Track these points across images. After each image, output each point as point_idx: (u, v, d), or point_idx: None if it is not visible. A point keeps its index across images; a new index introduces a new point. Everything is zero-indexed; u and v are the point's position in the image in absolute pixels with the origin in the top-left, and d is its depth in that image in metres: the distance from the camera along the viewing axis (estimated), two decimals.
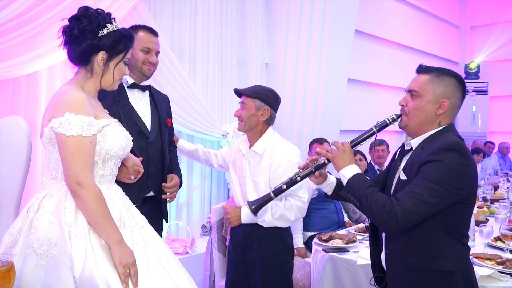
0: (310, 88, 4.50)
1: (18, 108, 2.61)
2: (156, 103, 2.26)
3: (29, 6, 2.38)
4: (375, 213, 1.56)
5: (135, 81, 2.19)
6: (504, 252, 2.34)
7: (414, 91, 1.67)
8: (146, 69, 2.18)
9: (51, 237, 1.42)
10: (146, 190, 2.16)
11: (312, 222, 3.56)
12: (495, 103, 8.63)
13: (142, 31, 2.19)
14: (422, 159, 1.56)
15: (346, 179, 1.66)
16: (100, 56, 1.58)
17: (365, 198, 1.59)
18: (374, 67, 6.27)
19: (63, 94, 1.53)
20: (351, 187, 1.64)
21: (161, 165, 2.23)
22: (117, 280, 1.42)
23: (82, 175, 1.46)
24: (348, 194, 1.65)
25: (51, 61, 2.60)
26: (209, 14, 3.74)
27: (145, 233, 1.64)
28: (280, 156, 2.34)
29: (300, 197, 2.32)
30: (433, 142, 1.61)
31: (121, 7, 2.80)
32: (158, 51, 2.24)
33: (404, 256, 1.64)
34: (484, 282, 1.92)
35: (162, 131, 2.23)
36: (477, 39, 8.95)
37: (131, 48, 1.66)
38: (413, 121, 1.67)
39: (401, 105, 1.71)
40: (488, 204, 4.01)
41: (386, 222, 1.53)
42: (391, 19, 6.77)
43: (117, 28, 1.62)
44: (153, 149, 2.18)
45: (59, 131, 1.47)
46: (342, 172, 1.69)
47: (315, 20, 4.43)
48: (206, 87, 3.76)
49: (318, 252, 2.55)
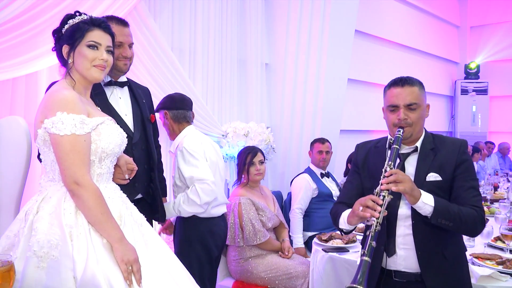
0: (310, 88, 4.50)
1: (18, 108, 2.61)
2: (137, 98, 2.12)
3: (29, 6, 2.38)
4: (471, 225, 1.69)
5: (111, 78, 2.05)
6: (504, 252, 2.34)
7: (415, 104, 1.79)
8: (121, 64, 2.04)
9: (51, 239, 1.41)
10: (134, 194, 2.05)
11: (312, 222, 3.56)
12: (495, 103, 8.63)
13: (111, 24, 1.97)
14: (456, 159, 1.75)
15: (431, 206, 1.64)
16: (64, 50, 1.59)
17: (458, 218, 1.66)
18: (374, 67, 6.26)
19: (54, 94, 1.52)
20: (440, 212, 1.65)
21: (148, 166, 2.12)
22: (121, 278, 1.41)
23: (79, 174, 1.45)
24: (438, 219, 1.65)
25: (51, 61, 2.59)
26: (209, 14, 3.74)
27: (144, 231, 1.63)
28: (177, 149, 2.50)
29: (203, 180, 2.41)
30: (440, 141, 1.82)
31: (121, 7, 2.80)
32: (132, 43, 2.07)
33: (442, 250, 1.74)
34: (484, 282, 1.92)
35: (146, 128, 2.11)
36: (477, 39, 8.94)
37: (91, 30, 1.57)
38: (416, 130, 1.80)
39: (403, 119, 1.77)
40: (488, 204, 4.01)
41: (480, 228, 1.74)
42: (391, 19, 6.77)
43: (81, 19, 1.59)
44: (139, 150, 2.06)
45: (53, 131, 1.45)
46: (425, 201, 1.65)
47: (315, 20, 4.42)
48: (206, 87, 3.76)
49: (318, 252, 2.55)
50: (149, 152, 2.13)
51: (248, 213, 2.86)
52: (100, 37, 1.59)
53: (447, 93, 8.68)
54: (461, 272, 1.79)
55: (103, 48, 1.60)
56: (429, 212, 1.65)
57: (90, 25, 1.58)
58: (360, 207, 1.64)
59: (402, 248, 1.77)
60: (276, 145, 4.19)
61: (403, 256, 1.77)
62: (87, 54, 1.57)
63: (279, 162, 4.49)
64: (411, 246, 1.75)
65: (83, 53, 1.57)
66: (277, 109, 4.53)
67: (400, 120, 1.77)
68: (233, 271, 2.93)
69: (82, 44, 1.57)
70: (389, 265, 1.80)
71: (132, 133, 2.05)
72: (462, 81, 8.58)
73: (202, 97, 3.63)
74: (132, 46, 2.10)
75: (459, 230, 1.73)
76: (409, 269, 1.77)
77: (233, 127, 3.77)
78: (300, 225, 3.50)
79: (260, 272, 2.81)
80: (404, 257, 1.77)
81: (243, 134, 3.74)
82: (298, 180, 3.69)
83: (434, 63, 8.11)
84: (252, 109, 4.27)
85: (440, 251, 1.74)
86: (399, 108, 1.79)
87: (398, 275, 1.79)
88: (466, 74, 8.66)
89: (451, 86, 8.79)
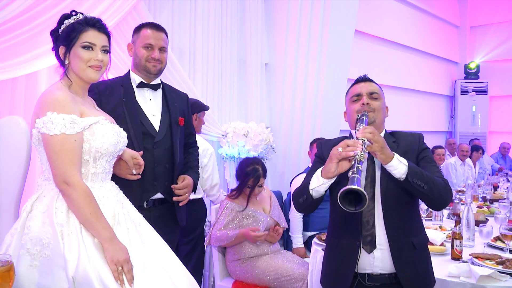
0: (310, 88, 4.50)
1: (17, 107, 2.61)
2: (168, 102, 2.18)
3: (29, 6, 2.38)
4: (443, 192, 1.69)
5: (143, 79, 2.13)
6: (504, 252, 2.34)
7: (376, 93, 1.84)
8: (150, 66, 2.11)
9: (43, 238, 1.42)
10: (152, 192, 2.08)
11: (312, 222, 3.57)
12: (495, 103, 8.63)
13: (145, 28, 2.13)
14: (419, 148, 1.82)
15: (405, 165, 1.62)
16: (61, 51, 1.59)
17: (431, 181, 1.65)
18: (374, 66, 6.26)
19: (47, 95, 1.53)
20: (414, 172, 1.63)
21: (169, 166, 2.14)
22: (112, 277, 1.41)
23: (69, 174, 1.46)
24: (414, 179, 1.62)
25: (51, 61, 2.59)
26: (209, 14, 3.74)
27: (142, 231, 1.63)
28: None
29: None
30: (398, 135, 1.87)
31: (121, 7, 2.80)
32: (163, 47, 2.14)
33: (411, 238, 1.76)
34: (483, 282, 1.92)
35: (172, 130, 2.15)
36: (476, 39, 8.94)
37: (85, 30, 1.57)
38: (379, 118, 1.82)
39: (366, 104, 1.80)
40: (488, 204, 4.01)
41: (450, 197, 1.73)
42: (391, 19, 6.77)
43: (76, 19, 1.60)
44: (161, 149, 2.11)
45: (43, 131, 1.47)
46: (399, 159, 1.62)
47: (315, 20, 4.43)
48: (206, 87, 3.76)
49: (317, 252, 2.55)
50: (173, 153, 2.15)
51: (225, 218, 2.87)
52: (95, 37, 1.59)
53: (447, 93, 8.69)
54: (426, 262, 1.83)
55: (98, 48, 1.60)
56: (404, 172, 1.61)
57: (84, 26, 1.58)
58: (339, 148, 1.57)
59: (379, 249, 1.74)
60: (276, 145, 4.19)
61: (380, 258, 1.74)
62: (82, 55, 1.57)
63: (279, 162, 4.49)
64: (386, 246, 1.74)
65: (78, 54, 1.57)
66: (277, 109, 4.53)
67: (363, 105, 1.79)
68: (232, 271, 2.93)
69: (77, 45, 1.57)
70: (364, 268, 1.76)
71: (156, 132, 2.10)
72: (462, 81, 8.58)
73: (202, 97, 3.63)
74: (163, 50, 2.15)
75: (432, 195, 1.66)
76: (385, 270, 1.74)
77: (233, 127, 3.77)
78: (300, 225, 3.51)
79: (259, 274, 2.81)
80: (381, 258, 1.74)
81: (243, 134, 3.74)
82: (298, 180, 3.69)
83: (434, 63, 8.11)
84: (252, 109, 4.27)
85: (409, 240, 1.75)
86: (361, 96, 1.82)
87: (373, 278, 1.76)
88: (466, 74, 8.66)
89: (451, 86, 8.79)
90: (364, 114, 1.77)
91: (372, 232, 1.75)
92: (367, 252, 1.74)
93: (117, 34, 2.90)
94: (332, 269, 1.86)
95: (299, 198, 1.77)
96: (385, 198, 1.75)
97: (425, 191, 1.64)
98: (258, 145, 3.81)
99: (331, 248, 1.89)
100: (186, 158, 2.29)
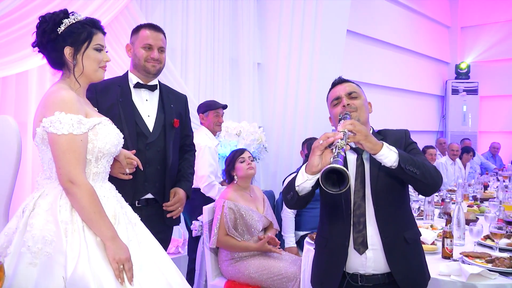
0: (302, 88, 4.51)
1: (8, 107, 2.59)
2: (164, 103, 2.19)
3: (19, 5, 2.37)
4: (435, 175, 1.69)
5: (140, 80, 2.14)
6: (494, 251, 2.36)
7: (354, 92, 1.83)
8: (149, 66, 2.12)
9: (46, 235, 1.43)
10: (142, 192, 2.10)
11: (304, 221, 3.57)
12: (485, 103, 8.71)
13: (144, 29, 2.15)
14: (405, 142, 1.84)
15: (395, 152, 1.61)
16: (67, 52, 1.59)
17: (423, 165, 1.65)
18: (366, 67, 6.30)
19: (53, 94, 1.54)
20: (405, 158, 1.62)
21: (161, 167, 2.14)
22: (112, 277, 1.42)
23: (74, 173, 1.48)
24: (406, 165, 1.61)
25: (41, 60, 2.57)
26: (201, 14, 3.73)
27: (138, 231, 1.65)
28: None
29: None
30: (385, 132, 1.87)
31: (112, 7, 2.79)
32: (162, 47, 2.17)
33: (403, 233, 1.76)
34: (473, 280, 1.93)
35: (166, 131, 2.16)
36: (467, 39, 9.02)
37: (95, 33, 1.62)
38: (363, 116, 1.81)
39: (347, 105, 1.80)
40: (478, 203, 4.04)
41: (441, 181, 1.72)
42: (383, 19, 6.81)
43: (77, 19, 1.61)
44: (153, 150, 2.11)
45: (50, 130, 1.48)
46: (389, 147, 1.62)
47: (307, 20, 4.44)
48: (198, 86, 3.76)
49: (309, 251, 2.55)
50: (165, 154, 2.15)
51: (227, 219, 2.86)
52: (102, 40, 1.66)
53: (438, 93, 8.76)
54: (420, 257, 1.83)
55: (104, 49, 1.66)
56: (395, 159, 1.60)
57: (93, 28, 1.62)
58: (320, 141, 1.58)
59: (371, 249, 1.73)
60: (268, 144, 4.19)
61: (372, 258, 1.73)
62: (96, 57, 1.62)
63: (271, 162, 4.50)
64: (378, 246, 1.72)
65: (91, 56, 1.61)
66: (269, 108, 4.54)
67: (345, 106, 1.79)
68: (224, 271, 2.92)
69: (90, 47, 1.61)
70: (356, 269, 1.75)
71: (149, 133, 2.11)
72: (452, 81, 8.65)
73: (194, 97, 3.62)
74: (162, 50, 2.18)
75: (425, 180, 1.65)
76: (378, 270, 1.73)
77: (225, 127, 3.76)
78: (292, 224, 3.51)
79: (251, 273, 2.81)
80: (373, 259, 1.73)
81: (235, 133, 3.74)
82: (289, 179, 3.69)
83: (425, 63, 8.17)
84: (244, 109, 4.27)
85: (401, 235, 1.74)
86: (341, 98, 1.82)
87: (366, 279, 1.75)
88: (457, 74, 8.73)
89: (442, 86, 8.86)
90: (346, 113, 1.76)
91: (363, 233, 1.74)
92: (358, 253, 1.73)
93: (109, 33, 2.88)
94: (321, 269, 1.85)
95: (287, 195, 1.79)
96: (375, 194, 1.74)
97: (418, 177, 1.63)
98: (250, 145, 3.81)
99: (320, 248, 1.88)
100: (180, 165, 2.28)
